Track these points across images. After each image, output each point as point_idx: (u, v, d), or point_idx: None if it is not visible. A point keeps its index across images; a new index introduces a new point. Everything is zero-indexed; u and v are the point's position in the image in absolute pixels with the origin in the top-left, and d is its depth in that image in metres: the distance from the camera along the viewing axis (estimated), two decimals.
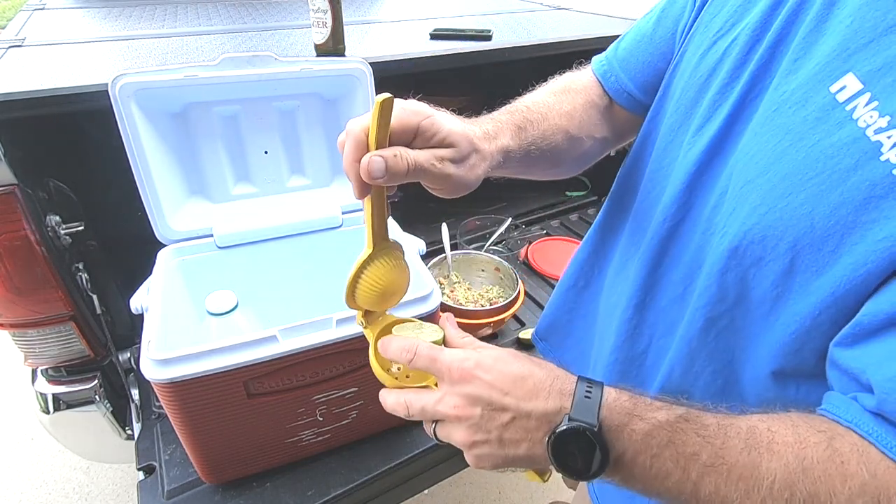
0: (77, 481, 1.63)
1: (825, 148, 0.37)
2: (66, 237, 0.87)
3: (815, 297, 0.38)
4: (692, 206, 0.50)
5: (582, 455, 0.37)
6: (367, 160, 0.40)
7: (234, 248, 0.91)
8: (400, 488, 0.90)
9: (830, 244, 0.36)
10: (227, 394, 0.69)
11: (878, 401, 0.34)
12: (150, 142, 0.80)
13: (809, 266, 0.38)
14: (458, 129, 0.46)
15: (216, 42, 1.15)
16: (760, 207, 0.40)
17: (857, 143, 0.35)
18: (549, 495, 1.61)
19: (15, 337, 0.91)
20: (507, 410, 0.39)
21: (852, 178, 0.35)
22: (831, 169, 0.36)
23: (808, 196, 0.37)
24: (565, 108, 0.59)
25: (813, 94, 0.39)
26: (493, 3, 1.80)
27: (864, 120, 0.35)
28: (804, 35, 0.41)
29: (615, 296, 0.62)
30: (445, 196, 0.49)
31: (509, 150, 0.52)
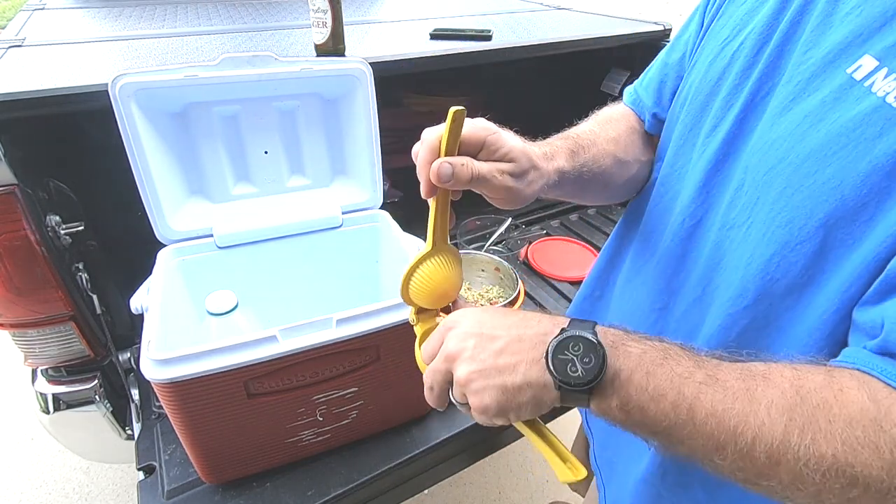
0: (77, 481, 1.63)
1: (846, 122, 0.37)
2: (66, 237, 0.87)
3: (847, 272, 0.37)
4: (710, 206, 0.50)
5: (582, 363, 0.36)
6: (438, 165, 0.45)
7: (234, 248, 0.91)
8: (400, 488, 0.90)
9: (866, 214, 0.36)
10: (227, 394, 0.69)
11: (882, 339, 0.34)
12: (150, 142, 0.80)
13: (845, 240, 0.37)
14: (518, 147, 0.49)
15: (216, 42, 1.15)
16: (787, 190, 0.40)
17: (878, 112, 0.36)
18: (549, 495, 1.61)
19: (15, 337, 0.91)
20: (498, 338, 0.39)
21: (879, 145, 0.35)
22: (856, 140, 0.36)
23: (835, 170, 0.37)
24: (611, 135, 0.62)
25: (829, 78, 0.39)
26: (493, 3, 1.80)
27: (883, 90, 0.36)
28: (812, 29, 0.42)
29: (629, 303, 0.62)
30: (503, 206, 0.52)
31: (564, 171, 0.55)
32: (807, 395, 0.33)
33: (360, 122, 0.92)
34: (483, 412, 0.40)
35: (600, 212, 1.62)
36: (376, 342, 0.75)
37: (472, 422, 0.91)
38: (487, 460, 1.68)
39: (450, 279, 0.52)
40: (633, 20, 1.46)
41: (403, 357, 0.80)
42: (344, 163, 1.00)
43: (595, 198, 0.65)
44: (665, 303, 0.55)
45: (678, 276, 0.54)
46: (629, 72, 1.47)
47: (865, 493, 0.31)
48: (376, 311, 0.73)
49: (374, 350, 0.76)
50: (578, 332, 0.37)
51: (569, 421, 1.79)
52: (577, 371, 0.36)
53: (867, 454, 0.31)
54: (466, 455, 0.99)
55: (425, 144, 0.47)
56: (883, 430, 0.31)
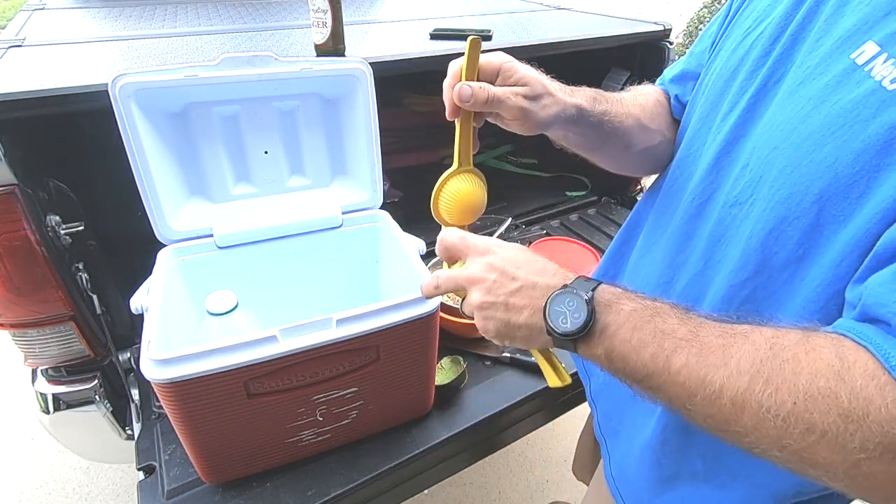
0: (77, 481, 1.63)
1: (845, 104, 0.39)
2: (66, 237, 0.87)
3: (839, 246, 0.39)
4: (718, 185, 0.52)
5: (572, 318, 0.42)
6: (459, 87, 0.53)
7: (234, 248, 0.91)
8: (400, 488, 0.90)
9: (857, 190, 0.38)
10: (227, 394, 0.69)
11: (860, 307, 0.36)
12: (150, 142, 0.80)
13: (836, 216, 0.39)
14: (532, 74, 0.55)
15: (216, 42, 1.15)
16: (787, 168, 0.42)
17: (874, 94, 0.38)
18: (549, 495, 1.61)
19: (15, 337, 0.91)
20: (516, 280, 0.46)
21: (872, 125, 0.37)
22: (852, 121, 0.38)
23: (831, 149, 0.39)
24: (639, 101, 0.66)
25: (834, 63, 0.41)
26: (493, 3, 1.80)
27: (880, 74, 0.38)
28: (825, 18, 0.44)
29: (639, 279, 0.65)
30: (521, 130, 0.57)
31: (583, 110, 0.58)
32: (779, 350, 0.36)
33: (360, 122, 0.92)
34: (483, 331, 0.48)
35: (600, 212, 1.62)
36: (376, 342, 0.75)
37: (472, 422, 0.92)
38: (487, 460, 1.68)
39: (474, 193, 0.60)
40: (633, 20, 1.46)
41: (403, 357, 0.80)
42: (344, 163, 1.00)
43: (615, 157, 0.67)
44: (670, 277, 0.58)
45: (683, 251, 0.56)
46: (629, 72, 1.46)
47: (822, 439, 0.32)
48: (376, 311, 0.73)
49: (374, 350, 0.76)
50: (577, 289, 0.43)
51: (569, 422, 1.79)
52: (566, 324, 0.42)
53: (826, 403, 0.32)
54: (466, 455, 0.99)
55: (449, 72, 0.55)
56: (843, 382, 0.32)
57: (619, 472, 0.69)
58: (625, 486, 0.67)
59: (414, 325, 0.76)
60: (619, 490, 0.68)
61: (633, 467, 0.64)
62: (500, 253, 0.48)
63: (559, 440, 1.80)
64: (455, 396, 0.97)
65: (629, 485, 0.66)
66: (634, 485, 0.64)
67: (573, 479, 1.67)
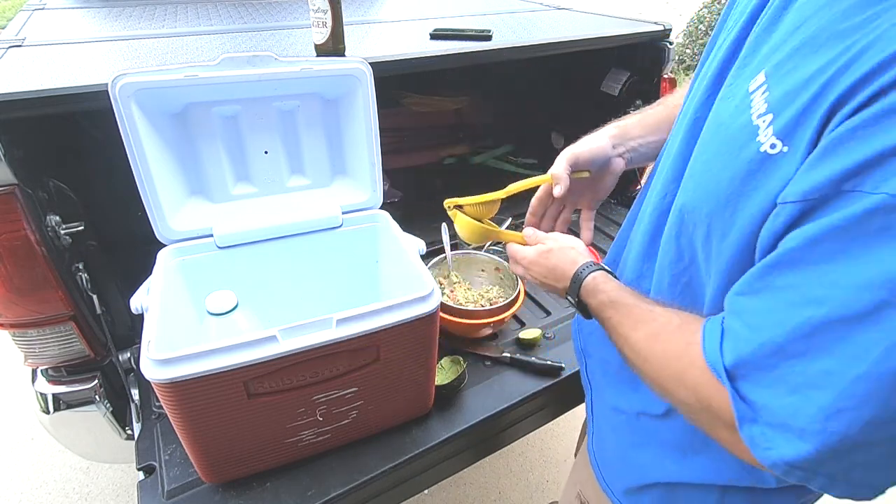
0: (77, 481, 1.63)
1: (731, 132, 0.45)
2: (66, 237, 0.87)
3: (724, 257, 0.47)
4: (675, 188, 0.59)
5: (575, 299, 0.65)
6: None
7: (234, 248, 0.92)
8: (400, 488, 0.90)
9: (729, 211, 0.44)
10: (227, 394, 0.69)
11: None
12: (150, 142, 0.80)
13: (718, 231, 0.47)
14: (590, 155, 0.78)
15: (216, 42, 1.15)
16: (699, 182, 0.50)
17: (746, 127, 0.43)
18: (549, 496, 1.61)
19: (15, 337, 0.91)
20: (549, 285, 0.71)
21: (740, 155, 0.43)
22: (730, 150, 0.44)
23: (715, 173, 0.46)
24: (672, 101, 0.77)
25: (739, 90, 0.46)
26: (493, 3, 1.80)
27: (755, 107, 0.43)
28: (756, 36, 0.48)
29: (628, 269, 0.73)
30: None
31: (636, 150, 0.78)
32: (659, 334, 0.51)
33: (360, 122, 0.92)
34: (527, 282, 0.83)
35: (600, 212, 1.62)
36: (376, 342, 0.75)
37: (472, 422, 0.92)
38: (487, 460, 1.68)
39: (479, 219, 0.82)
40: (633, 20, 1.46)
41: (403, 357, 0.80)
42: (344, 163, 1.00)
43: None
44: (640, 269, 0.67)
45: (654, 244, 0.63)
46: (629, 72, 1.47)
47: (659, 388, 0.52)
48: (376, 311, 0.73)
49: (374, 350, 0.76)
50: (570, 296, 0.66)
51: (569, 422, 1.79)
52: (573, 301, 0.66)
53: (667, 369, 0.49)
54: (466, 455, 0.99)
55: None
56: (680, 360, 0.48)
57: (599, 442, 0.77)
58: (601, 453, 0.76)
59: (414, 325, 0.76)
60: (596, 457, 0.77)
61: (611, 438, 0.73)
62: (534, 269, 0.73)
63: (559, 440, 1.80)
64: (455, 396, 0.97)
65: (604, 451, 0.75)
66: (609, 451, 0.74)
67: None
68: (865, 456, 0.37)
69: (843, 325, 0.36)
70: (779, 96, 0.41)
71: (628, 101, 1.47)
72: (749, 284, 0.42)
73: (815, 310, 0.37)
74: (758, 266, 0.42)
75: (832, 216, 0.36)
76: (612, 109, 1.50)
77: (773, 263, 0.40)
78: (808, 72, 0.39)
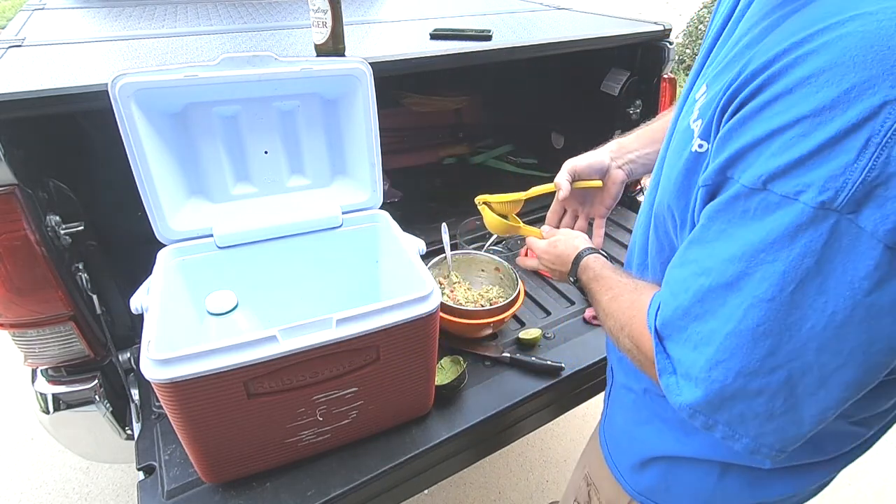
0: (77, 481, 1.63)
1: (679, 135, 0.53)
2: (66, 237, 0.87)
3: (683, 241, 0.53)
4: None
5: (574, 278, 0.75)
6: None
7: (234, 248, 0.92)
8: (400, 488, 0.90)
9: (682, 202, 0.52)
10: (227, 394, 0.69)
11: None
12: (150, 142, 0.80)
13: (679, 220, 0.54)
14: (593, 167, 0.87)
15: (216, 42, 1.15)
16: (662, 182, 0.58)
17: (687, 131, 0.51)
18: (549, 496, 1.61)
19: (15, 337, 0.91)
20: (556, 270, 0.81)
21: (683, 155, 0.51)
22: (679, 150, 0.52)
23: (670, 171, 0.54)
24: None
25: (690, 97, 0.55)
26: (493, 3, 1.80)
27: (694, 113, 0.51)
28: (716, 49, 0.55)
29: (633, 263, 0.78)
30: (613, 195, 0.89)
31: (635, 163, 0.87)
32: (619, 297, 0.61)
33: (360, 122, 0.92)
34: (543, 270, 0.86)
35: None
36: (376, 342, 0.75)
37: (472, 422, 0.92)
38: (487, 460, 1.68)
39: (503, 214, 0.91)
40: (633, 20, 1.46)
41: (403, 357, 0.80)
42: (344, 163, 1.00)
43: None
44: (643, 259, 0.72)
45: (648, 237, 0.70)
46: (629, 72, 1.46)
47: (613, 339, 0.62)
48: (376, 311, 0.73)
49: (374, 350, 0.76)
50: (571, 276, 0.76)
51: (569, 422, 1.79)
52: (573, 280, 0.76)
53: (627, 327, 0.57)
54: (466, 455, 0.99)
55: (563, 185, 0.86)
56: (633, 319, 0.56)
57: (609, 423, 0.82)
58: (610, 432, 0.80)
59: (414, 325, 0.76)
60: (606, 437, 0.81)
61: (620, 416, 0.78)
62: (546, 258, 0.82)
63: (559, 440, 1.80)
64: (455, 396, 0.97)
65: (613, 429, 0.80)
66: (618, 429, 0.78)
67: None
68: (749, 405, 0.44)
69: (720, 291, 0.44)
70: (704, 104, 0.49)
71: (628, 101, 1.47)
72: (677, 258, 0.51)
73: (705, 279, 0.45)
74: (683, 243, 0.50)
75: (717, 200, 0.44)
76: (612, 109, 1.50)
77: (690, 241, 0.48)
78: (722, 82, 0.46)
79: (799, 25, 0.40)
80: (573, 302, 1.24)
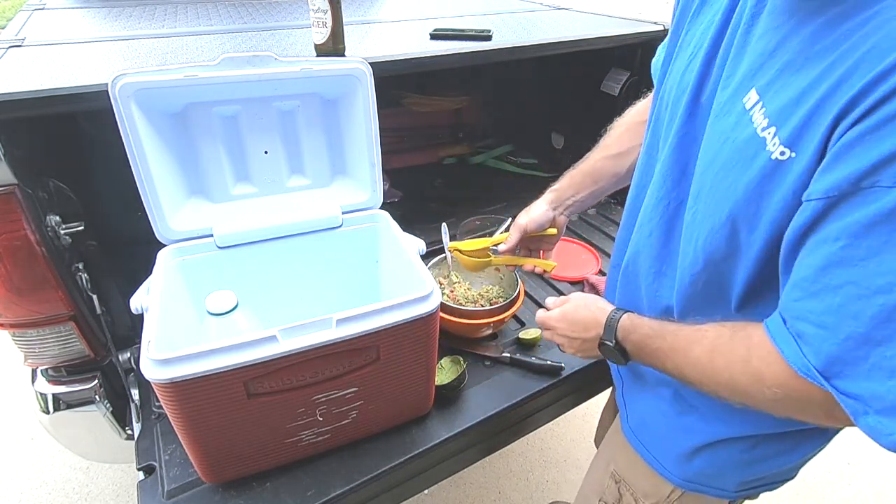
0: (77, 481, 1.63)
1: (739, 143, 0.52)
2: (66, 237, 0.87)
3: (755, 247, 0.53)
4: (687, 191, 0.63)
5: (613, 354, 0.71)
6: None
7: (234, 248, 0.91)
8: (400, 488, 0.90)
9: (752, 209, 0.51)
10: (227, 394, 0.69)
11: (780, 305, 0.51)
12: (150, 142, 0.80)
13: (745, 226, 0.53)
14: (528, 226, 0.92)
15: (216, 42, 1.15)
16: (711, 190, 0.56)
17: (753, 139, 0.50)
18: (549, 496, 1.61)
19: (15, 337, 0.91)
20: (577, 339, 0.78)
21: (753, 164, 0.50)
22: (742, 159, 0.51)
23: (732, 180, 0.53)
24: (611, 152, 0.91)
25: (734, 105, 0.53)
26: (493, 3, 1.80)
27: (756, 122, 0.50)
28: (731, 59, 0.56)
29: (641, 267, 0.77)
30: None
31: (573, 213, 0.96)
32: (716, 349, 0.57)
33: (360, 122, 0.92)
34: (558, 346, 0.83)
35: (600, 212, 1.62)
36: (376, 342, 0.75)
37: (472, 422, 0.92)
38: (487, 460, 1.68)
39: None
40: (633, 20, 1.46)
41: (403, 357, 0.80)
42: (344, 163, 1.00)
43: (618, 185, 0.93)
44: (658, 268, 0.72)
45: (667, 246, 0.69)
46: (629, 72, 1.47)
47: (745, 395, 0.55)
48: (376, 311, 0.73)
49: (374, 350, 0.77)
50: (607, 339, 0.71)
51: (569, 422, 1.79)
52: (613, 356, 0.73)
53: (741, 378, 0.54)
54: (466, 455, 0.99)
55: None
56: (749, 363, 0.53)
57: (638, 423, 0.83)
58: (642, 431, 0.82)
59: (414, 325, 0.76)
60: (637, 436, 0.82)
61: (654, 414, 0.79)
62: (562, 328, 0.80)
63: (559, 440, 1.80)
64: (455, 396, 0.97)
65: (647, 428, 0.81)
66: (654, 426, 0.79)
67: (573, 479, 1.67)
68: None
69: None
70: (776, 111, 0.48)
71: (628, 101, 1.47)
72: (803, 289, 0.47)
73: (885, 297, 0.41)
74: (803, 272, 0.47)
75: (862, 211, 0.41)
76: (612, 109, 1.50)
77: (822, 266, 0.45)
78: (797, 89, 0.46)
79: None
80: None
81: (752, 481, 0.74)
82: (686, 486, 0.76)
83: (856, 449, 1.72)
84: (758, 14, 0.53)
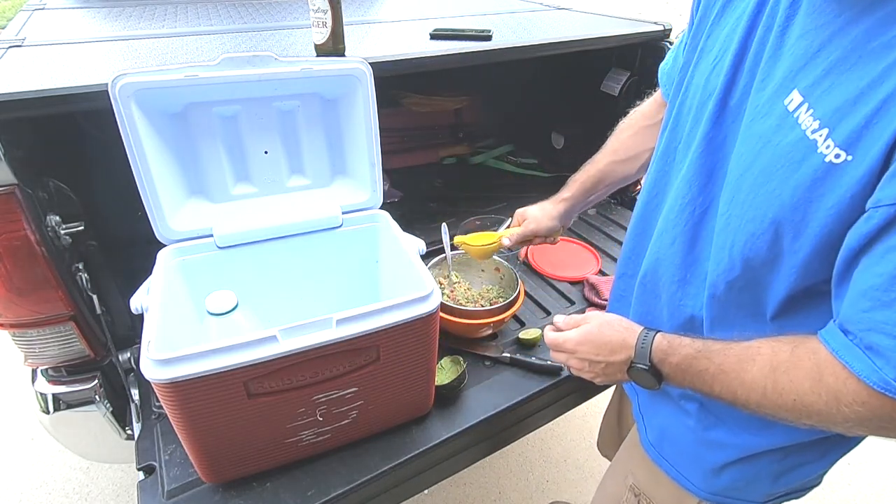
0: (77, 481, 1.63)
1: (783, 146, 0.50)
2: (66, 237, 0.87)
3: (801, 253, 0.51)
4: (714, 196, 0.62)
5: (645, 378, 0.65)
6: None
7: (234, 248, 0.91)
8: (400, 488, 0.90)
9: (799, 214, 0.49)
10: (227, 394, 0.69)
11: (840, 318, 0.49)
12: (150, 142, 0.80)
13: (789, 231, 0.51)
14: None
15: (216, 42, 1.15)
16: (749, 195, 0.54)
17: (801, 142, 0.48)
18: (549, 496, 1.61)
19: (15, 337, 0.91)
20: (601, 363, 0.70)
21: (802, 167, 0.48)
22: (788, 162, 0.49)
23: (776, 184, 0.51)
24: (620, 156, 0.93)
25: (774, 107, 0.52)
26: (493, 3, 1.80)
27: (805, 124, 0.48)
28: (766, 60, 0.54)
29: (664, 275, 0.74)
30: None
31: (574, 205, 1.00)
32: (777, 367, 0.53)
33: (360, 122, 0.92)
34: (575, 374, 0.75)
35: (600, 212, 1.62)
36: (376, 342, 0.75)
37: (472, 422, 0.92)
38: (487, 460, 1.68)
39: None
40: (633, 20, 1.46)
41: (403, 357, 0.80)
42: (344, 163, 1.00)
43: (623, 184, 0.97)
44: (684, 275, 0.69)
45: (692, 253, 0.67)
46: (629, 72, 1.47)
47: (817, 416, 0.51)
48: (376, 311, 0.73)
49: (374, 350, 0.76)
50: (639, 362, 0.65)
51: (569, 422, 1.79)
52: (646, 382, 0.66)
53: (812, 397, 0.50)
54: (466, 455, 0.99)
55: None
56: (820, 382, 0.49)
57: (659, 438, 0.80)
58: (665, 446, 0.79)
59: (414, 325, 0.76)
60: (659, 450, 0.80)
61: (678, 428, 0.76)
62: (584, 351, 0.71)
63: (559, 440, 1.80)
64: (455, 396, 0.97)
65: (670, 442, 0.78)
66: (679, 440, 0.76)
67: (573, 478, 1.67)
68: None
69: None
70: (828, 112, 0.46)
71: (628, 101, 1.47)
72: (874, 299, 0.45)
73: None
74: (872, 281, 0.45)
75: None
76: (612, 109, 1.50)
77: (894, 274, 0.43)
78: (853, 88, 0.44)
79: None
80: (573, 302, 1.24)
81: (781, 491, 0.72)
82: (712, 500, 0.74)
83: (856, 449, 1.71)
84: (792, 16, 0.52)
